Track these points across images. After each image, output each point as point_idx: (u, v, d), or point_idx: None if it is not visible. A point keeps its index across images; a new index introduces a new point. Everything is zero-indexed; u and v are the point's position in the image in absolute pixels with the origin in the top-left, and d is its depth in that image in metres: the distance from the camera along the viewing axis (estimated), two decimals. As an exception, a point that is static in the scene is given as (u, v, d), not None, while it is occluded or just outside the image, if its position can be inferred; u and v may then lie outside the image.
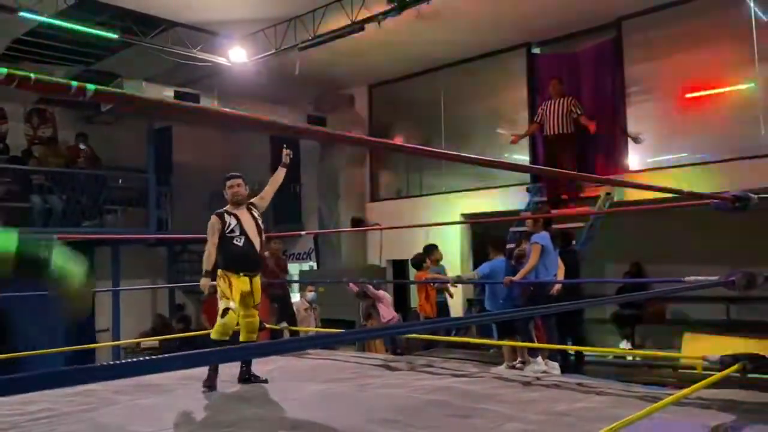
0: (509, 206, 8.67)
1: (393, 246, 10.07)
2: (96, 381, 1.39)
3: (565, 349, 6.17)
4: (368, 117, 11.06)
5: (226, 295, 4.76)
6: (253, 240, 4.88)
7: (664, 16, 7.87)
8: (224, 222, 4.86)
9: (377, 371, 5.47)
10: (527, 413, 3.90)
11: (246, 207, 5.01)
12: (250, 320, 4.92)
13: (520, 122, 9.38)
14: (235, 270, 4.82)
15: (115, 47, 8.64)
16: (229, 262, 4.83)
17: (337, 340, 5.25)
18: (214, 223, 4.87)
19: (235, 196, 4.96)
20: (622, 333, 8.53)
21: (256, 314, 4.96)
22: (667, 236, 8.11)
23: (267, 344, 4.44)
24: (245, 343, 4.66)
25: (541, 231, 5.89)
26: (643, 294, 6.97)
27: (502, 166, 3.46)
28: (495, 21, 8.19)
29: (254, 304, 4.95)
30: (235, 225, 4.86)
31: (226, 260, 4.83)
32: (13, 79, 1.13)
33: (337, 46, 8.16)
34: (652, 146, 8.23)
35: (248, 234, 4.86)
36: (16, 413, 3.96)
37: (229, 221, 4.87)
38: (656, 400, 3.93)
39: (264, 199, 5.18)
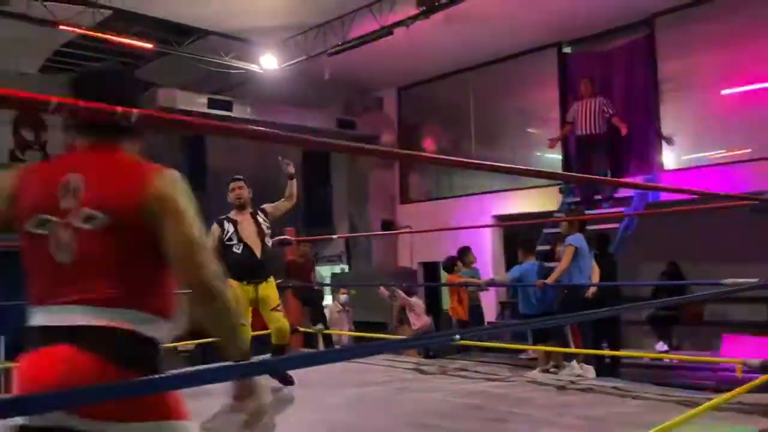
0: (542, 207, 8.61)
1: (424, 248, 10.08)
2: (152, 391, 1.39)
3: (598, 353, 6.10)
4: (397, 119, 11.09)
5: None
6: (253, 246, 4.68)
7: (698, 12, 7.74)
8: (222, 229, 4.71)
9: (410, 374, 5.49)
10: (563, 417, 3.89)
11: (251, 212, 4.83)
12: (277, 326, 4.72)
13: (551, 122, 9.31)
14: (237, 279, 4.60)
15: (150, 56, 8.83)
16: (230, 270, 4.51)
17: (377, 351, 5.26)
18: (213, 231, 4.70)
19: (237, 199, 4.79)
20: (658, 334, 8.38)
21: (280, 317, 4.77)
22: (704, 234, 7.94)
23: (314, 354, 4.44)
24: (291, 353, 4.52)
25: (576, 233, 5.84)
26: (680, 298, 6.83)
27: (531, 173, 3.44)
28: (525, 21, 8.14)
29: (274, 308, 4.75)
30: (232, 232, 4.69)
31: (227, 269, 4.72)
32: (62, 108, 1.18)
33: (366, 49, 8.20)
34: (687, 144, 8.10)
35: (247, 240, 4.67)
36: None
37: (227, 228, 4.71)
38: (694, 405, 3.87)
39: (278, 209, 4.95)
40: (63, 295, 1.48)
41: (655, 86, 8.16)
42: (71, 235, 1.48)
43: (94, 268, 1.48)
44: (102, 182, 1.51)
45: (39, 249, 1.51)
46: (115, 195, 1.49)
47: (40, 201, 1.51)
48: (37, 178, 1.57)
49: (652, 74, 8.15)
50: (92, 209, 1.48)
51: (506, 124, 10.16)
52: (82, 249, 1.48)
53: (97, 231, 1.47)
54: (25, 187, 1.56)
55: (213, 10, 7.60)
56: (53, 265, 1.49)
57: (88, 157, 1.56)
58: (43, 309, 1.51)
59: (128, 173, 1.54)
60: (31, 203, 1.53)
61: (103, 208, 1.48)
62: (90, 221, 1.48)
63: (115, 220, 1.47)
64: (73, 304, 1.47)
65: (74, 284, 1.47)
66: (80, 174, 1.51)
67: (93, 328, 1.44)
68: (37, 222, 1.51)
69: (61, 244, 1.49)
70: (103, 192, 1.50)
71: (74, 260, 1.48)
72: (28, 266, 1.58)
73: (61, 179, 1.51)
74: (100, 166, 1.54)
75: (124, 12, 7.52)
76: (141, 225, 1.49)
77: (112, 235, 1.48)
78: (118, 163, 1.56)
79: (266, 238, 4.79)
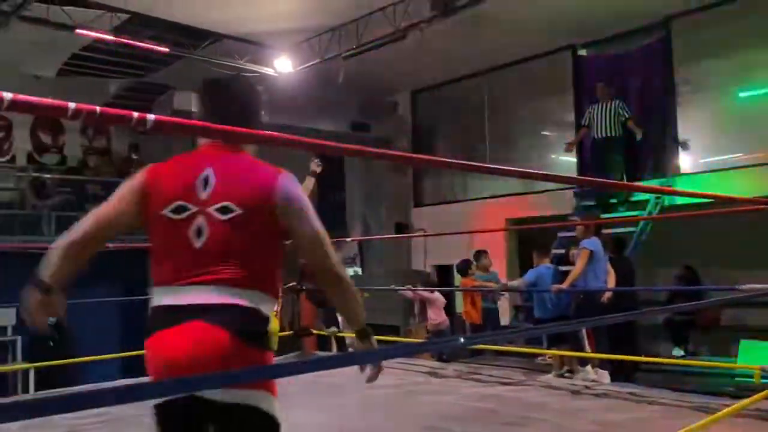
0: (556, 210, 8.56)
1: (437, 251, 10.06)
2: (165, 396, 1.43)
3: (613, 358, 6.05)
4: (412, 122, 11.09)
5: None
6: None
7: (715, 14, 7.67)
8: None
9: (423, 378, 5.48)
10: (578, 422, 3.86)
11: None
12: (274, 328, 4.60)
13: (566, 125, 9.27)
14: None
15: (166, 60, 8.89)
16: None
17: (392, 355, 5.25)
18: None
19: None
20: (674, 339, 8.30)
21: (273, 319, 4.66)
22: (720, 239, 7.87)
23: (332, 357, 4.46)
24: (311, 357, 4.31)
25: (591, 237, 5.80)
26: (696, 304, 6.76)
27: (546, 178, 3.42)
28: (539, 23, 8.11)
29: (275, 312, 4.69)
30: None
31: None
32: (79, 113, 1.19)
33: (381, 52, 8.21)
34: (704, 147, 8.02)
35: None
36: (74, 416, 4.09)
37: None
38: (711, 411, 3.84)
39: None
40: (195, 276, 1.67)
41: (671, 89, 8.09)
42: (206, 223, 1.69)
43: (224, 252, 1.68)
44: (235, 179, 1.73)
45: (175, 233, 1.71)
46: (248, 191, 1.71)
47: (180, 191, 1.72)
48: (173, 172, 1.79)
49: (669, 77, 8.09)
50: (227, 202, 1.69)
51: (521, 127, 10.12)
52: (215, 236, 1.69)
53: (230, 221, 1.69)
54: (159, 181, 1.77)
55: (228, 14, 7.64)
56: (188, 249, 1.69)
57: (218, 156, 1.78)
58: (173, 288, 1.69)
59: (257, 173, 1.76)
60: (169, 192, 1.73)
61: (236, 202, 1.69)
62: (224, 212, 1.69)
63: (245, 212, 1.69)
64: (204, 284, 1.66)
65: (207, 266, 1.67)
66: (214, 170, 1.74)
67: (223, 305, 1.64)
68: (176, 208, 1.71)
69: (197, 230, 1.70)
70: (236, 188, 1.71)
71: (207, 245, 1.69)
72: (160, 249, 1.76)
73: (199, 173, 1.74)
74: (230, 165, 1.76)
75: (141, 16, 7.58)
76: (266, 218, 1.71)
77: (242, 226, 1.69)
78: (246, 163, 1.80)
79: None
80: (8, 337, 9.35)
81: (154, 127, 1.27)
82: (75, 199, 9.79)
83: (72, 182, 9.97)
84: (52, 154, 10.73)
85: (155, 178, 1.78)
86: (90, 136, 11.19)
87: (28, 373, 9.00)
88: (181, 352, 1.60)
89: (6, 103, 1.11)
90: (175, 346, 1.61)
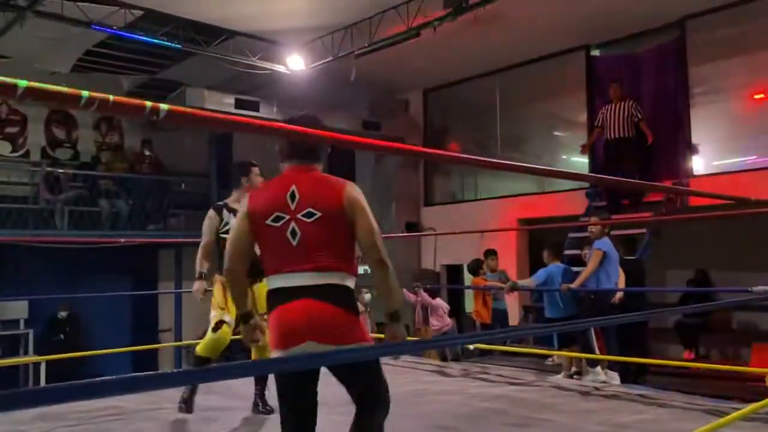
0: (567, 211, 8.52)
1: (447, 251, 10.04)
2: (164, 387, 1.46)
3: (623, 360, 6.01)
4: (423, 121, 11.07)
5: (221, 305, 4.05)
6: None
7: (730, 15, 7.59)
8: (221, 218, 4.15)
9: (431, 377, 5.47)
10: (587, 424, 3.84)
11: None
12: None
13: (578, 126, 9.22)
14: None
15: (178, 56, 8.92)
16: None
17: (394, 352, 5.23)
18: (212, 219, 4.19)
19: (255, 187, 4.18)
20: (685, 343, 8.24)
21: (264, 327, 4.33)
22: (733, 242, 7.80)
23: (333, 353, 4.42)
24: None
25: (604, 237, 5.77)
26: (708, 305, 6.71)
27: (560, 175, 3.41)
28: (553, 23, 8.07)
29: (262, 314, 4.39)
30: (233, 223, 4.26)
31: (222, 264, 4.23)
32: (93, 102, 1.19)
33: (393, 51, 8.20)
34: (717, 149, 7.95)
35: None
36: (83, 410, 4.12)
37: (226, 219, 4.12)
38: (722, 415, 3.80)
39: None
40: (295, 266, 2.31)
41: (685, 90, 8.03)
42: (297, 226, 2.32)
43: (314, 246, 2.31)
44: (313, 190, 2.36)
45: (276, 236, 2.35)
46: (324, 199, 2.35)
47: (275, 205, 2.36)
48: (267, 194, 2.45)
49: (683, 78, 8.02)
50: (310, 208, 2.32)
51: (533, 127, 10.09)
52: (305, 235, 2.32)
53: (314, 222, 2.32)
54: (258, 201, 2.43)
55: (241, 11, 7.66)
56: (287, 246, 2.33)
57: (298, 175, 2.42)
58: (282, 276, 2.34)
59: (329, 185, 2.40)
60: (268, 207, 2.37)
61: (316, 208, 2.33)
62: (309, 216, 2.33)
63: (324, 214, 2.32)
64: (303, 272, 2.30)
65: (303, 258, 2.31)
66: (297, 186, 2.37)
67: (320, 285, 2.29)
68: (274, 218, 2.35)
69: (292, 232, 2.32)
70: (315, 198, 2.34)
71: (301, 242, 2.32)
72: (266, 247, 2.41)
73: (287, 190, 2.37)
74: (308, 181, 2.39)
75: (154, 12, 7.61)
76: (339, 217, 2.34)
77: (324, 225, 2.32)
78: (319, 179, 2.43)
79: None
80: (20, 330, 9.43)
81: (168, 117, 1.28)
82: (88, 194, 9.87)
83: (85, 177, 10.03)
84: (65, 149, 10.81)
85: (254, 202, 2.43)
86: (103, 132, 11.27)
87: (39, 366, 9.08)
88: (299, 321, 2.28)
89: (20, 91, 1.11)
90: (294, 317, 2.29)
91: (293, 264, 2.31)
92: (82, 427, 3.88)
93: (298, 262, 2.30)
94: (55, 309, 9.34)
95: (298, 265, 2.30)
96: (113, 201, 10.04)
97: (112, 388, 1.18)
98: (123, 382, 1.24)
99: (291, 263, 2.31)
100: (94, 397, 1.22)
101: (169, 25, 7.98)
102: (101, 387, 1.20)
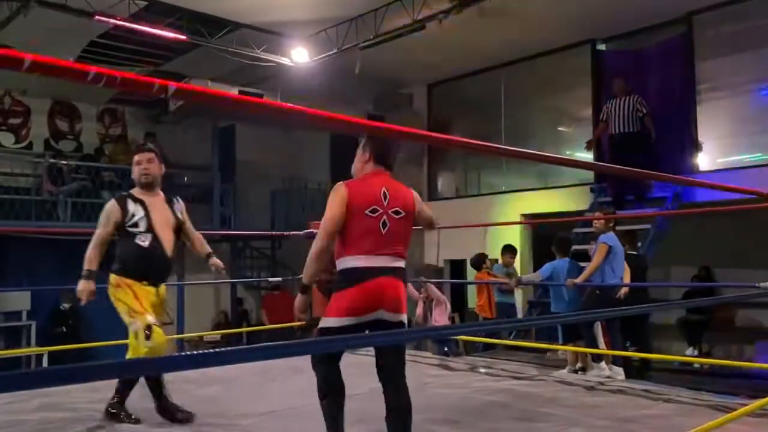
0: (572, 207, 8.49)
1: (451, 246, 10.00)
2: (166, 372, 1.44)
3: (628, 355, 5.99)
4: (427, 116, 11.04)
5: (135, 308, 3.53)
6: (163, 239, 3.65)
7: (738, 10, 7.56)
8: (125, 211, 3.64)
9: (435, 371, 5.45)
10: (591, 418, 3.81)
11: (164, 196, 3.85)
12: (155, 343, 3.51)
13: (583, 121, 9.18)
14: (136, 277, 3.57)
15: (182, 48, 8.88)
16: (129, 266, 3.58)
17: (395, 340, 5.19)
18: (112, 211, 3.66)
19: (144, 176, 3.74)
20: (688, 340, 8.22)
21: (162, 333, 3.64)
22: (738, 239, 7.77)
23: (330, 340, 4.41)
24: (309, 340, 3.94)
25: (610, 232, 5.74)
26: (713, 299, 6.67)
27: (569, 163, 3.39)
28: (559, 17, 8.03)
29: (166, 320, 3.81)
30: (140, 217, 3.62)
31: (125, 263, 3.60)
32: (100, 78, 1.16)
33: (397, 44, 8.17)
34: (723, 146, 7.91)
35: (156, 230, 3.63)
36: (82, 401, 4.10)
37: (132, 211, 3.64)
38: (727, 410, 3.78)
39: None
40: (383, 250, 2.85)
41: (691, 86, 7.98)
42: (388, 219, 2.87)
43: (397, 237, 2.90)
44: (397, 194, 2.94)
45: (371, 224, 2.84)
46: (406, 203, 2.96)
47: (372, 200, 2.86)
48: (365, 189, 2.91)
49: (689, 73, 7.98)
50: (397, 207, 2.91)
51: (537, 122, 10.05)
52: (392, 227, 2.88)
53: (400, 219, 2.91)
54: (356, 194, 2.87)
55: (245, 3, 7.63)
56: (378, 234, 2.85)
57: (386, 179, 2.98)
58: (370, 257, 2.83)
59: (407, 191, 3.02)
60: (366, 201, 2.86)
61: (402, 207, 2.92)
62: (397, 213, 2.90)
63: (407, 214, 2.95)
64: (388, 255, 2.86)
65: (389, 245, 2.87)
66: (386, 187, 2.93)
67: (396, 267, 2.89)
68: (371, 210, 2.85)
69: (383, 223, 2.86)
70: (400, 199, 2.94)
71: (389, 232, 2.87)
72: (359, 233, 2.84)
73: (380, 189, 2.90)
74: (393, 185, 2.97)
75: (158, 4, 7.58)
76: (412, 218, 3.00)
77: (405, 222, 2.95)
78: (398, 184, 3.01)
79: (180, 229, 3.83)
80: (23, 321, 9.42)
81: (176, 95, 1.25)
82: (91, 185, 9.85)
83: (88, 169, 10.01)
84: (68, 140, 10.80)
85: (354, 194, 2.87)
86: (106, 124, 11.26)
87: (42, 358, 9.08)
88: (379, 295, 2.82)
89: (27, 65, 1.09)
90: (380, 290, 2.82)
91: (380, 248, 2.84)
92: (82, 413, 3.86)
93: (385, 247, 2.85)
94: (57, 301, 9.33)
95: (384, 249, 2.85)
96: (116, 193, 10.00)
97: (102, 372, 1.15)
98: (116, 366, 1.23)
99: (378, 247, 2.84)
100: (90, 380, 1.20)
101: (173, 16, 7.95)
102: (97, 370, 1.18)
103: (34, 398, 4.12)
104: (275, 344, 1.39)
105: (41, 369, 1.06)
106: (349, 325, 2.81)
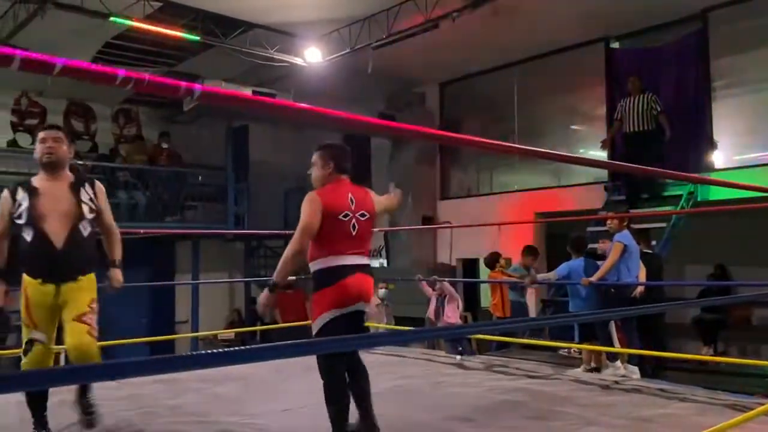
0: (585, 205, 8.46)
1: (463, 245, 10.01)
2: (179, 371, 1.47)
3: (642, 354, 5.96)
4: (439, 115, 11.02)
5: (23, 317, 3.21)
6: (50, 232, 3.16)
7: (753, 6, 7.49)
8: (14, 201, 3.23)
9: (450, 369, 5.46)
10: (607, 417, 3.81)
11: (71, 180, 3.34)
12: (74, 342, 3.15)
13: (596, 119, 9.14)
14: (30, 275, 3.20)
15: (196, 49, 8.94)
16: (23, 263, 3.23)
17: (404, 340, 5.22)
18: (3, 202, 3.30)
19: (47, 155, 3.29)
20: (704, 339, 8.17)
21: (83, 331, 3.20)
22: (753, 237, 7.71)
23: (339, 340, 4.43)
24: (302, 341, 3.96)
25: (624, 231, 5.72)
26: (729, 298, 6.62)
27: (582, 161, 3.38)
28: (572, 15, 7.99)
29: (77, 316, 3.20)
30: (24, 208, 3.18)
31: (21, 261, 3.26)
32: (128, 81, 1.19)
33: (410, 43, 8.17)
34: (738, 143, 7.85)
35: (39, 222, 3.16)
36: (100, 398, 4.13)
37: (20, 200, 3.22)
38: (745, 409, 3.76)
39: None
40: (354, 249, 3.19)
41: (706, 83, 7.92)
42: (356, 222, 3.21)
43: (365, 238, 3.28)
44: (361, 198, 3.29)
45: (343, 227, 3.17)
46: (368, 205, 3.31)
47: (342, 205, 3.20)
48: (336, 196, 3.21)
49: (704, 71, 7.92)
50: (363, 210, 3.26)
51: (551, 121, 10.01)
52: (361, 229, 3.23)
53: (366, 221, 3.26)
54: (329, 202, 3.17)
55: (258, 4, 7.66)
56: (349, 236, 3.18)
57: (349, 185, 3.32)
58: (344, 256, 3.14)
59: (366, 193, 3.37)
60: (339, 207, 3.18)
61: (367, 210, 3.28)
62: (363, 216, 3.25)
63: (371, 215, 3.31)
64: (359, 254, 3.22)
65: (359, 245, 3.22)
66: (352, 193, 3.27)
67: (366, 265, 3.27)
68: (343, 215, 3.17)
69: (353, 226, 3.20)
70: (364, 202, 3.29)
71: (358, 234, 3.21)
72: (333, 236, 3.15)
73: (348, 195, 3.24)
74: (355, 190, 3.31)
75: (172, 5, 7.63)
76: (375, 216, 3.35)
77: (369, 222, 3.30)
78: (359, 188, 3.36)
79: (83, 221, 3.29)
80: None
81: (201, 98, 1.27)
82: (106, 185, 9.90)
83: (103, 169, 10.10)
84: (84, 141, 10.89)
85: (327, 201, 3.17)
86: (121, 124, 11.35)
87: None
88: (358, 289, 3.16)
89: (58, 69, 1.11)
90: (355, 286, 3.15)
91: (353, 248, 3.18)
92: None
93: (355, 247, 3.19)
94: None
95: (355, 249, 3.18)
96: (131, 193, 10.11)
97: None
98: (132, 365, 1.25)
99: (350, 248, 3.17)
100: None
101: (187, 17, 8.00)
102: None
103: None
104: (286, 343, 1.43)
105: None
106: (338, 316, 3.12)
